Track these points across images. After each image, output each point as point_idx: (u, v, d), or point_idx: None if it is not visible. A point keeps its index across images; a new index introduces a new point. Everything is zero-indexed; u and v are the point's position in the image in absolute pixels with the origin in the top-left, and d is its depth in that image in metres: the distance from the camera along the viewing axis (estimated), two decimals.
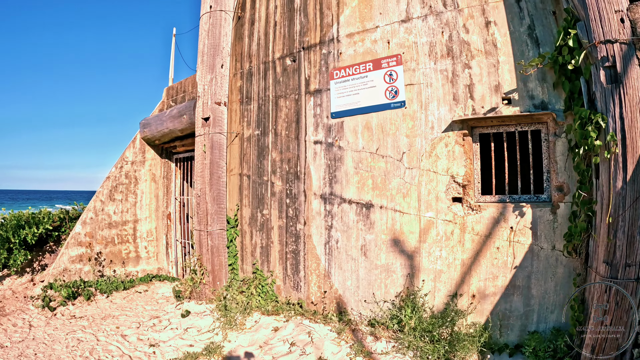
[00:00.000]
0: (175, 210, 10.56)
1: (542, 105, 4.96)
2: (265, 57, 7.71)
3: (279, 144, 7.28)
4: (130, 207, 10.40)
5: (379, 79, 6.16)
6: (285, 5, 7.44)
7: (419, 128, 5.77)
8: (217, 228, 7.60)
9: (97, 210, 9.89)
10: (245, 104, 7.97)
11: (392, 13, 6.15)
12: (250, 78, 7.94)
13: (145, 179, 10.63)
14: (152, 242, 10.71)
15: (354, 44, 6.48)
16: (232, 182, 8.05)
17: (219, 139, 7.74)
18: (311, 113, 6.87)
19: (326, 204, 6.58)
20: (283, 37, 7.43)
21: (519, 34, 5.17)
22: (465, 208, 5.42)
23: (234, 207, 7.95)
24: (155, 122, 9.78)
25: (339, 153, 6.47)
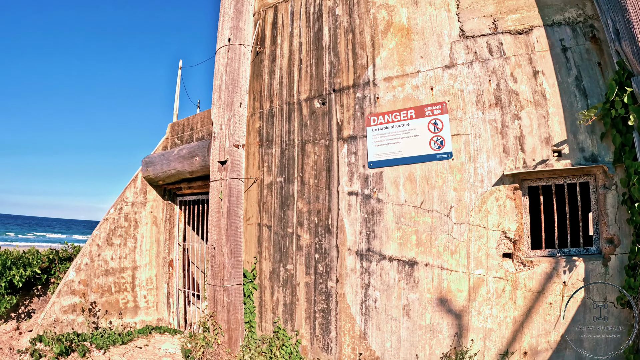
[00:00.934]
0: (178, 256, 10.12)
1: (592, 158, 4.92)
2: (289, 98, 7.43)
3: (307, 193, 6.94)
4: (129, 253, 9.90)
5: (423, 128, 5.89)
6: (312, 43, 7.19)
7: (468, 181, 5.54)
8: (234, 283, 7.17)
9: (93, 256, 9.37)
10: (266, 147, 7.65)
11: (435, 58, 5.97)
12: (271, 119, 7.64)
13: (146, 222, 10.15)
14: (151, 291, 10.20)
15: (392, 89, 6.23)
16: (250, 232, 7.66)
17: (236, 185, 7.35)
18: (345, 161, 6.57)
19: (363, 261, 6.24)
20: (310, 77, 7.17)
21: (567, 84, 5.15)
22: (516, 264, 5.24)
23: (251, 260, 7.56)
24: (161, 161, 9.36)
25: (377, 206, 6.15)
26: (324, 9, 7.23)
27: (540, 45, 5.34)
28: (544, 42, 5.32)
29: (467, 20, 5.85)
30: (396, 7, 6.47)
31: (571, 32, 5.20)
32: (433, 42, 6.03)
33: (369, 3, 6.74)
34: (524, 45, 5.43)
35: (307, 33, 7.35)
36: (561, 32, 5.24)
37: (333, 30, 7.02)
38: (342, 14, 6.98)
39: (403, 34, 6.30)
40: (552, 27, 5.30)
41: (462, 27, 5.88)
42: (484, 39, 5.68)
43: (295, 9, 7.67)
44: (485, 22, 5.71)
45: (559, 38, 5.24)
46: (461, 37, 5.84)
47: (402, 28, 6.33)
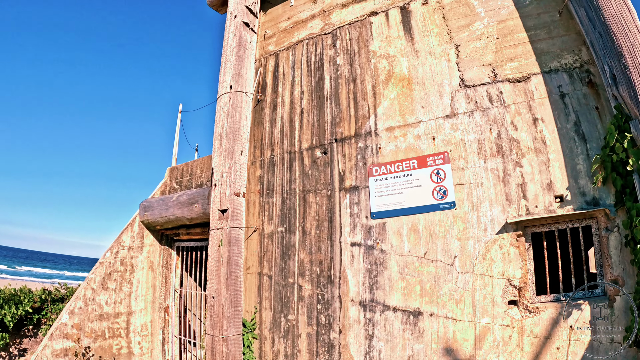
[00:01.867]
0: (174, 303, 10.08)
1: (593, 202, 5.00)
2: (290, 147, 7.54)
3: (308, 243, 6.99)
4: (125, 298, 9.86)
5: (425, 178, 5.98)
6: (314, 92, 7.34)
7: (471, 230, 5.60)
8: (234, 333, 7.15)
9: (87, 300, 9.33)
10: (267, 196, 7.72)
11: (436, 107, 6.12)
12: (272, 168, 7.74)
13: (143, 266, 10.14)
14: (146, 337, 10.13)
15: (394, 139, 6.35)
16: (250, 281, 7.67)
17: (237, 234, 7.40)
18: (347, 212, 6.63)
19: (366, 312, 6.24)
20: (312, 126, 7.30)
21: (566, 130, 5.26)
22: (522, 311, 5.24)
23: (251, 309, 7.56)
24: (159, 206, 9.42)
25: (381, 257, 6.20)
26: (325, 58, 7.41)
27: (538, 93, 5.48)
28: (543, 89, 5.47)
29: (467, 70, 6.03)
30: (397, 57, 6.65)
31: (568, 78, 5.35)
32: (434, 91, 6.20)
33: (370, 53, 6.93)
34: (523, 93, 5.58)
35: (309, 82, 7.52)
36: (559, 79, 5.40)
37: (334, 79, 7.20)
38: (343, 63, 7.16)
39: (404, 84, 6.46)
40: (549, 74, 5.46)
41: (462, 76, 6.05)
42: (484, 88, 5.84)
43: (297, 57, 7.86)
44: (484, 71, 5.88)
45: (557, 84, 5.39)
46: (461, 87, 6.00)
47: (403, 78, 6.50)
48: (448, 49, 6.27)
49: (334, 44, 7.46)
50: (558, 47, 5.49)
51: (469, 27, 6.18)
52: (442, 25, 6.41)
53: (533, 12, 5.76)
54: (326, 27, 7.71)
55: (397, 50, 6.71)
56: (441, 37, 6.38)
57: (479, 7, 6.17)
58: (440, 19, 6.45)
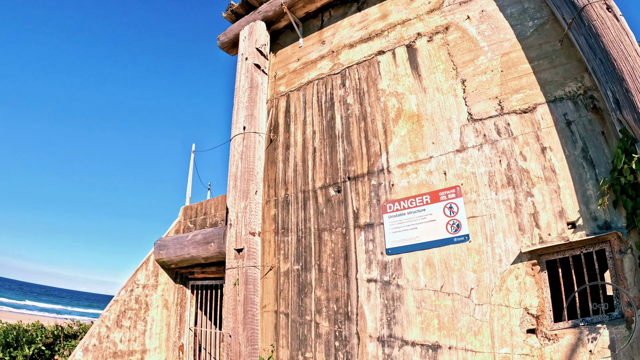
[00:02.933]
0: (189, 341, 10.15)
1: (605, 226, 5.05)
2: (304, 186, 7.71)
3: (325, 281, 7.08)
4: (139, 336, 9.94)
5: (439, 213, 6.10)
6: (325, 132, 7.54)
7: (486, 262, 5.68)
8: None
9: (102, 337, 9.41)
10: (282, 235, 7.84)
11: (446, 143, 6.27)
12: (286, 207, 7.89)
13: (157, 305, 10.25)
14: None
15: (407, 175, 6.50)
16: (266, 319, 7.73)
17: (253, 273, 7.54)
18: (362, 249, 6.73)
19: (385, 347, 6.26)
20: (324, 165, 7.47)
21: (574, 157, 5.36)
22: (541, 339, 5.25)
23: (268, 348, 7.61)
24: (174, 245, 9.57)
25: (397, 292, 6.27)
26: (335, 98, 7.63)
27: (545, 122, 5.61)
28: (549, 118, 5.60)
29: (474, 104, 6.21)
30: (405, 94, 6.85)
31: (573, 105, 5.47)
32: (443, 127, 6.37)
33: (379, 92, 7.14)
34: (530, 123, 5.71)
35: (320, 121, 7.74)
36: (564, 107, 5.52)
37: (345, 118, 7.40)
38: (353, 102, 7.37)
39: (414, 121, 6.65)
40: (554, 103, 5.60)
41: (469, 110, 6.22)
42: (492, 121, 6.00)
43: (307, 97, 8.08)
44: (491, 104, 6.06)
45: (562, 113, 5.52)
46: (470, 121, 6.17)
47: (412, 115, 6.69)
48: (455, 84, 6.46)
49: (343, 84, 7.69)
50: (561, 76, 5.65)
51: (473, 61, 6.40)
52: (447, 61, 6.63)
53: (535, 42, 5.96)
54: (335, 67, 7.95)
55: (405, 87, 6.92)
56: (447, 73, 6.58)
57: (483, 42, 6.39)
58: (446, 55, 6.67)
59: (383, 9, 7.72)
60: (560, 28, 5.80)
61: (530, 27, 6.07)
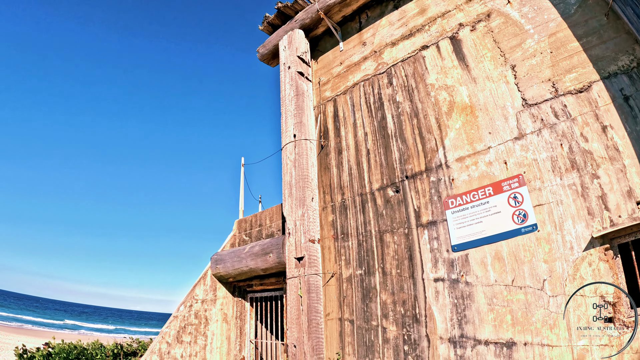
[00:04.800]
0: (249, 354, 10.19)
1: None
2: (360, 189, 7.65)
3: (389, 284, 6.97)
4: (200, 350, 10.06)
5: (503, 204, 5.96)
6: (377, 132, 7.49)
7: (557, 251, 5.49)
8: None
9: (162, 353, 9.56)
10: (342, 240, 7.80)
11: (503, 131, 6.13)
12: (344, 212, 7.85)
13: (217, 319, 10.37)
14: None
15: (466, 168, 6.38)
16: (330, 327, 7.68)
17: (315, 281, 7.53)
18: (427, 248, 6.62)
19: (456, 348, 6.10)
20: (380, 165, 7.41)
21: (636, 132, 5.16)
22: (619, 327, 5.05)
23: (334, 356, 7.54)
24: (232, 258, 9.65)
25: (466, 290, 6.11)
26: (384, 97, 7.57)
27: (602, 100, 5.44)
28: (605, 96, 5.43)
29: (527, 89, 6.07)
30: (455, 86, 6.75)
31: (628, 79, 5.30)
32: (498, 115, 6.24)
33: (428, 86, 7.05)
34: (587, 103, 5.55)
35: (371, 122, 7.69)
36: (619, 82, 5.35)
37: (396, 117, 7.33)
38: (402, 100, 7.29)
39: (467, 112, 6.53)
40: (609, 79, 5.43)
41: (523, 96, 6.08)
42: (547, 104, 5.84)
43: (355, 100, 8.05)
44: (545, 87, 5.91)
45: (619, 88, 5.34)
46: (525, 107, 6.03)
47: (465, 106, 6.58)
48: (505, 71, 6.34)
49: (390, 82, 7.62)
50: (612, 50, 5.49)
51: (521, 45, 6.27)
52: (494, 48, 6.51)
53: (580, 19, 5.80)
54: (380, 66, 7.90)
55: (454, 80, 6.82)
56: (495, 60, 6.47)
57: (527, 24, 6.26)
58: (492, 43, 6.56)
59: (420, 3, 7.66)
60: (604, 1, 5.63)
61: (573, 5, 5.91)
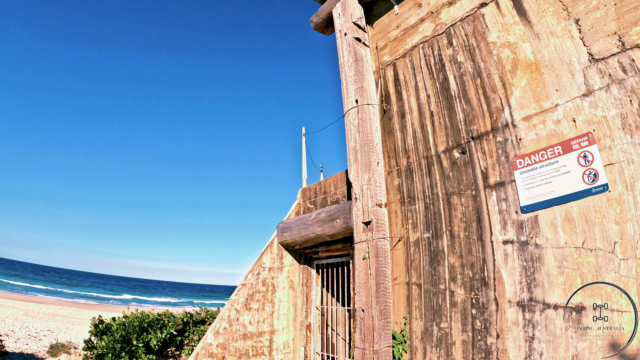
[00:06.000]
0: (315, 320, 10.39)
1: None
2: (425, 151, 7.63)
3: (457, 247, 6.96)
4: (267, 317, 10.39)
5: (573, 163, 5.84)
6: (440, 94, 7.41)
7: (629, 212, 5.34)
8: (384, 345, 7.25)
9: (232, 320, 9.91)
10: (408, 204, 7.83)
11: (570, 88, 5.95)
12: (410, 175, 7.85)
13: (283, 286, 10.68)
14: (288, 355, 10.60)
15: (533, 127, 6.25)
16: (397, 292, 7.77)
17: (383, 245, 7.59)
18: (495, 209, 6.55)
19: (525, 312, 6.05)
20: (445, 127, 7.34)
21: None
22: None
23: (400, 321, 7.62)
24: (298, 226, 9.85)
25: (536, 252, 6.03)
26: (445, 58, 7.47)
27: None
28: None
29: (593, 43, 5.85)
30: (518, 43, 6.59)
31: None
32: (564, 72, 6.05)
33: (490, 45, 6.91)
34: None
35: (433, 84, 7.61)
36: None
37: (459, 77, 7.23)
38: (464, 60, 7.17)
39: (532, 70, 6.38)
40: None
41: (589, 50, 5.87)
42: (615, 59, 5.63)
43: (415, 63, 7.97)
44: (611, 41, 5.69)
45: None
46: (591, 62, 5.83)
47: (529, 64, 6.42)
48: (568, 25, 6.11)
49: (450, 43, 7.50)
50: None
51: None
52: (556, 2, 6.28)
53: None
54: (438, 27, 7.78)
55: (516, 37, 6.65)
56: (558, 15, 6.24)
57: None
58: None
59: None
60: None
61: None
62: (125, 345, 10.37)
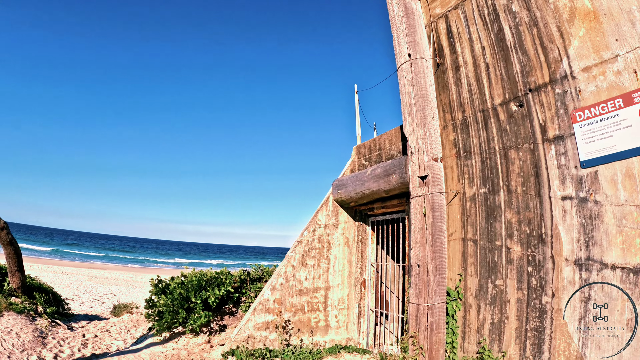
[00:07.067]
0: (370, 276, 10.47)
1: None
2: (481, 105, 7.49)
3: (514, 202, 6.87)
4: (323, 273, 10.61)
5: (634, 117, 5.61)
6: (495, 45, 7.22)
7: None
8: (438, 301, 7.29)
9: (288, 276, 10.17)
10: (464, 158, 7.77)
11: (631, 38, 5.66)
12: (465, 129, 7.77)
13: (339, 243, 10.85)
14: (342, 311, 10.82)
15: (593, 79, 6.00)
16: (453, 248, 7.79)
17: (439, 200, 7.59)
18: (554, 164, 6.38)
19: (581, 271, 5.93)
20: (501, 80, 7.17)
21: None
22: None
23: (455, 277, 7.61)
24: (353, 182, 9.93)
25: (595, 209, 5.87)
26: (499, 9, 7.22)
27: None
28: None
29: None
30: None
31: None
32: (624, 21, 5.76)
33: None
34: None
35: (487, 36, 7.40)
36: None
37: (514, 27, 6.99)
38: (519, 9, 6.92)
39: (590, 19, 6.09)
40: None
41: None
42: None
43: (468, 14, 7.75)
44: None
45: None
46: None
47: (587, 12, 6.13)
48: None
49: None
50: None
51: None
52: None
53: None
54: None
55: None
56: None
57: None
58: None
59: None
60: None
61: None
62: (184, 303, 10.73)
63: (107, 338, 12.21)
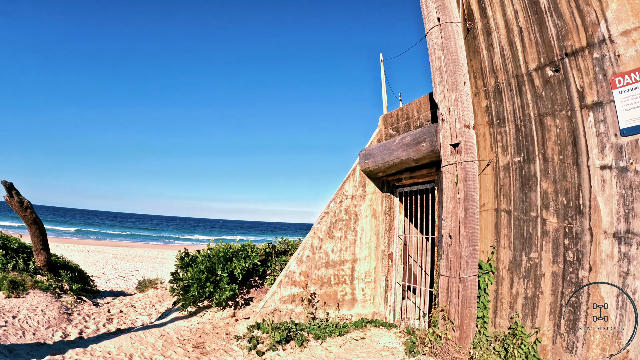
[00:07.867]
0: (398, 249, 10.36)
1: None
2: (515, 70, 7.24)
3: (551, 171, 6.66)
4: (349, 246, 10.55)
5: None
6: (529, 8, 6.94)
7: None
8: (470, 274, 7.16)
9: (314, 248, 10.11)
10: (497, 126, 7.57)
11: None
12: (499, 96, 7.54)
13: (366, 214, 10.76)
14: (369, 284, 10.79)
15: (633, 43, 5.71)
16: (485, 219, 7.64)
17: (471, 168, 7.42)
18: (592, 131, 6.14)
19: (620, 245, 5.71)
20: (535, 44, 6.90)
21: None
22: None
23: (487, 249, 7.46)
24: (381, 152, 9.77)
25: (636, 179, 5.63)
26: None
27: None
28: None
29: None
30: None
31: None
32: None
33: None
34: None
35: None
36: None
37: None
38: None
39: None
40: None
41: None
42: None
43: None
44: None
45: None
46: None
47: None
48: None
49: None
50: None
51: None
52: None
53: None
54: None
55: None
56: None
57: None
58: None
59: None
60: None
61: None
62: (210, 276, 10.77)
63: (132, 313, 12.41)
